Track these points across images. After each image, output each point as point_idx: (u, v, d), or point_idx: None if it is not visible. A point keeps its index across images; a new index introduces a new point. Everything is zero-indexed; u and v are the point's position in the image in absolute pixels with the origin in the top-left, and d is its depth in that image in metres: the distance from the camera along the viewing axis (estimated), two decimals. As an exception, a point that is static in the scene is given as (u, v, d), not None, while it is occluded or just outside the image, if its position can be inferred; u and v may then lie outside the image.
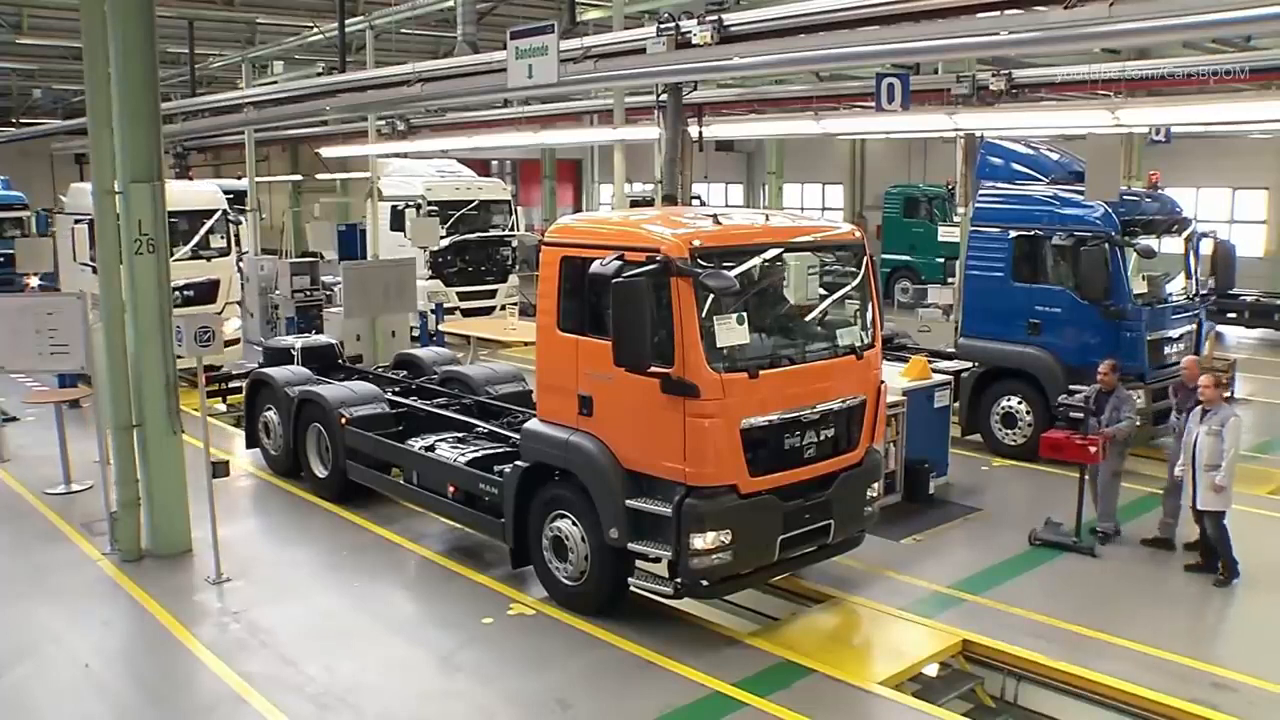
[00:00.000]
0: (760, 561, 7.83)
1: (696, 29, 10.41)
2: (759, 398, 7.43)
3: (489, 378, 11.70)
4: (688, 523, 7.28)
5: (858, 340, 8.20)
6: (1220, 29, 8.69)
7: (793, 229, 8.69)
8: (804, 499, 7.78)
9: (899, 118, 13.33)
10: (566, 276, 8.10)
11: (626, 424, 7.68)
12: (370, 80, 15.87)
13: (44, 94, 31.50)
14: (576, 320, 8.02)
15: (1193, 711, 6.82)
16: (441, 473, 9.65)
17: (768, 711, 6.79)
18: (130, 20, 9.02)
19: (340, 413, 10.70)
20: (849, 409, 8.04)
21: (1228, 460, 8.78)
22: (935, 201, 27.56)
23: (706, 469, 7.32)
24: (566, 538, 8.12)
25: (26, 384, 15.00)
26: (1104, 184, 11.69)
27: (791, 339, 8.13)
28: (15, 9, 21.97)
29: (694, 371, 7.20)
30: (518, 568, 8.71)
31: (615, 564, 7.90)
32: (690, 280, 7.19)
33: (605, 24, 18.62)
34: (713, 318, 7.30)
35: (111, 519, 9.51)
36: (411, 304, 16.96)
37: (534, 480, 8.42)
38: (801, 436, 7.71)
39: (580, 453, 7.89)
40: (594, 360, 7.73)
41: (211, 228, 17.22)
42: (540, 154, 37.61)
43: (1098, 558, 9.50)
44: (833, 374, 7.98)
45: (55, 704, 7.01)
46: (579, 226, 8.81)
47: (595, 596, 8.10)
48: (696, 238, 7.49)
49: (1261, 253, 25.99)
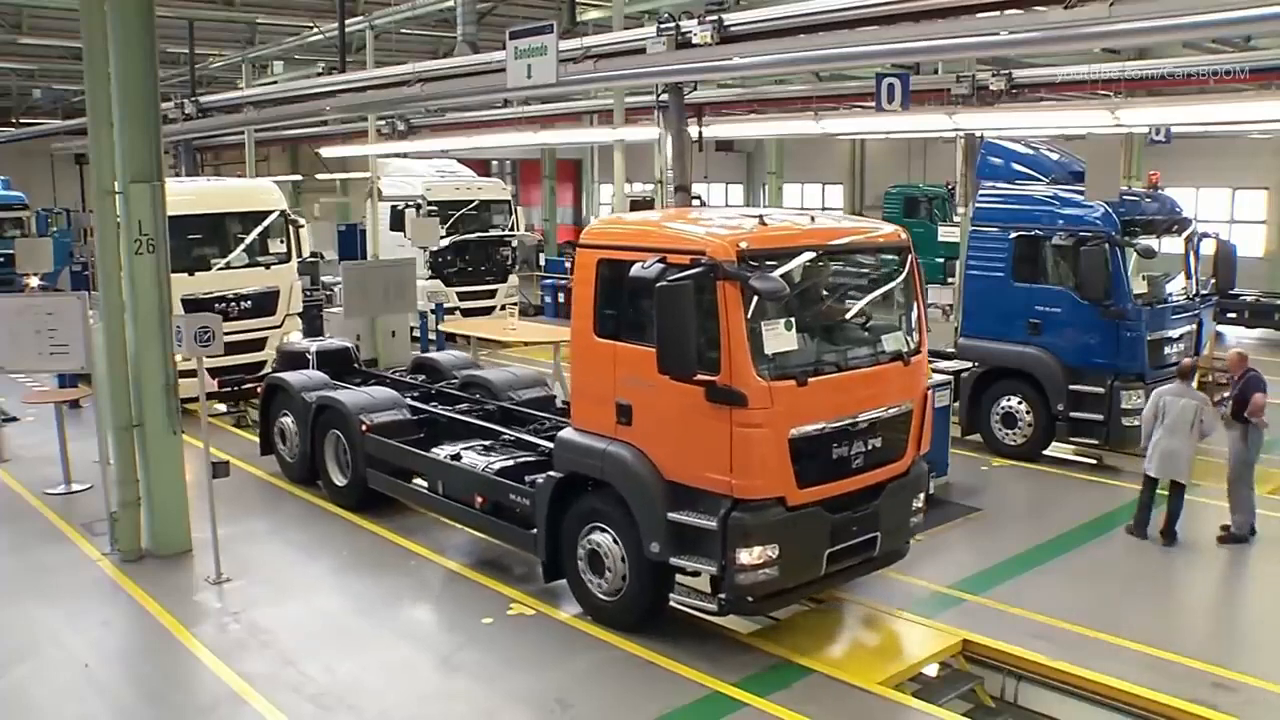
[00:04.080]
0: (807, 576, 7.53)
1: (697, 29, 10.42)
2: (807, 406, 7.13)
3: (511, 382, 11.35)
4: (734, 537, 6.97)
5: (904, 346, 7.91)
6: (1220, 29, 8.71)
7: (839, 230, 8.41)
8: (851, 511, 7.50)
9: (899, 118, 13.35)
10: (604, 280, 7.77)
11: (668, 434, 7.37)
12: (370, 80, 15.90)
13: (44, 94, 31.56)
14: (614, 326, 7.72)
15: (1193, 711, 6.82)
16: (469, 482, 9.27)
17: (768, 711, 6.79)
18: (130, 20, 9.02)
19: (361, 419, 10.36)
20: (896, 417, 7.75)
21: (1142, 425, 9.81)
22: (935, 201, 27.57)
23: (754, 481, 7.02)
24: (603, 551, 7.78)
25: (26, 384, 15.01)
26: (1104, 184, 11.70)
27: (839, 344, 7.81)
28: (15, 9, 21.99)
29: (741, 379, 6.89)
30: (550, 581, 8.37)
31: (654, 579, 7.60)
32: (738, 284, 6.89)
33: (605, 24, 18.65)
34: (759, 322, 7.00)
35: (111, 519, 9.51)
36: (411, 304, 16.91)
37: (568, 491, 8.10)
38: (849, 446, 7.42)
39: (619, 463, 7.57)
40: (633, 367, 7.44)
41: (269, 231, 15.73)
42: (540, 154, 37.64)
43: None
44: (880, 381, 7.68)
45: (55, 704, 7.00)
46: (617, 228, 8.55)
47: (633, 612, 7.79)
48: (743, 239, 7.17)
49: (1261, 253, 26.01)
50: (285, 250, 15.68)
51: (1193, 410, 9.50)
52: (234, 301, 14.72)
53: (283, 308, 15.44)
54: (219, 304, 14.30)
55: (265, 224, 15.55)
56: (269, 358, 14.67)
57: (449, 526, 10.04)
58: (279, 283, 15.41)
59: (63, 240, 29.20)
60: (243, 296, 14.89)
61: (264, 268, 15.37)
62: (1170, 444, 9.59)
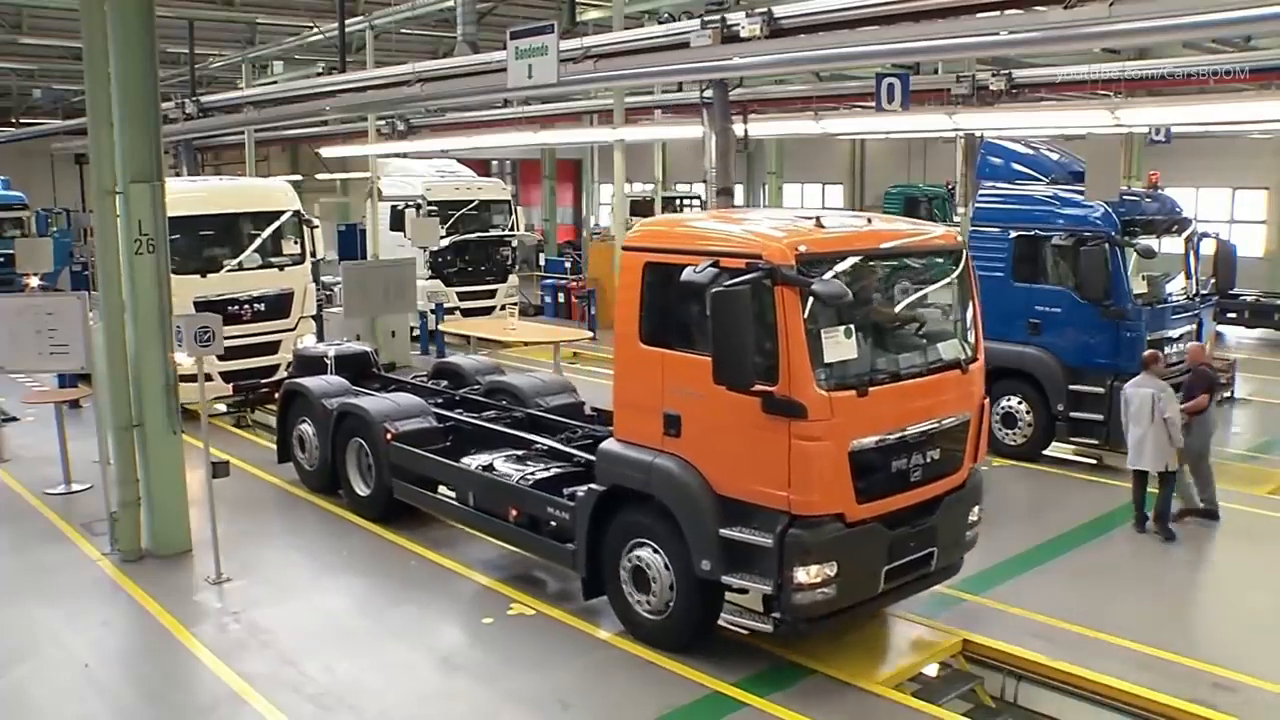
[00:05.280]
0: (864, 595, 7.23)
1: (745, 22, 9.98)
2: (868, 417, 6.83)
3: (538, 389, 10.97)
4: (792, 555, 6.67)
5: (962, 352, 7.64)
6: (1220, 29, 8.72)
7: (897, 232, 8.09)
8: (909, 526, 7.22)
9: (899, 118, 13.36)
10: (650, 285, 7.45)
11: (720, 446, 7.04)
12: (370, 80, 15.91)
13: (44, 94, 31.56)
14: (662, 332, 7.39)
15: (1193, 711, 6.81)
16: (503, 494, 8.88)
17: (768, 711, 6.79)
18: (130, 20, 9.02)
19: (385, 427, 10.01)
20: (955, 427, 7.46)
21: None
22: (935, 201, 27.58)
23: (813, 496, 6.71)
24: (649, 568, 7.43)
25: (26, 384, 15.01)
26: (1104, 184, 11.70)
27: (897, 352, 7.46)
28: (15, 9, 22.00)
29: (800, 390, 6.57)
30: (590, 599, 8.05)
31: (703, 597, 7.27)
32: (797, 289, 6.60)
33: (605, 24, 18.65)
34: (819, 330, 6.70)
35: (111, 519, 9.51)
36: (411, 304, 16.96)
37: (610, 505, 7.74)
38: (908, 459, 7.13)
39: (667, 477, 7.24)
40: (683, 376, 7.15)
41: (283, 231, 15.33)
42: (540, 154, 37.66)
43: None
44: (940, 390, 7.37)
45: (55, 704, 7.00)
46: (665, 229, 8.21)
47: (680, 631, 7.44)
48: (802, 241, 6.88)
49: (1261, 253, 26.01)
50: (299, 251, 15.35)
51: (1149, 398, 9.71)
52: (247, 304, 14.46)
53: (296, 310, 15.08)
54: (231, 306, 14.09)
55: (278, 224, 15.19)
56: (282, 361, 14.49)
57: (451, 528, 10.01)
58: (293, 284, 15.07)
59: (63, 240, 29.24)
60: (256, 299, 14.56)
61: (278, 269, 15.01)
62: (1137, 433, 9.83)
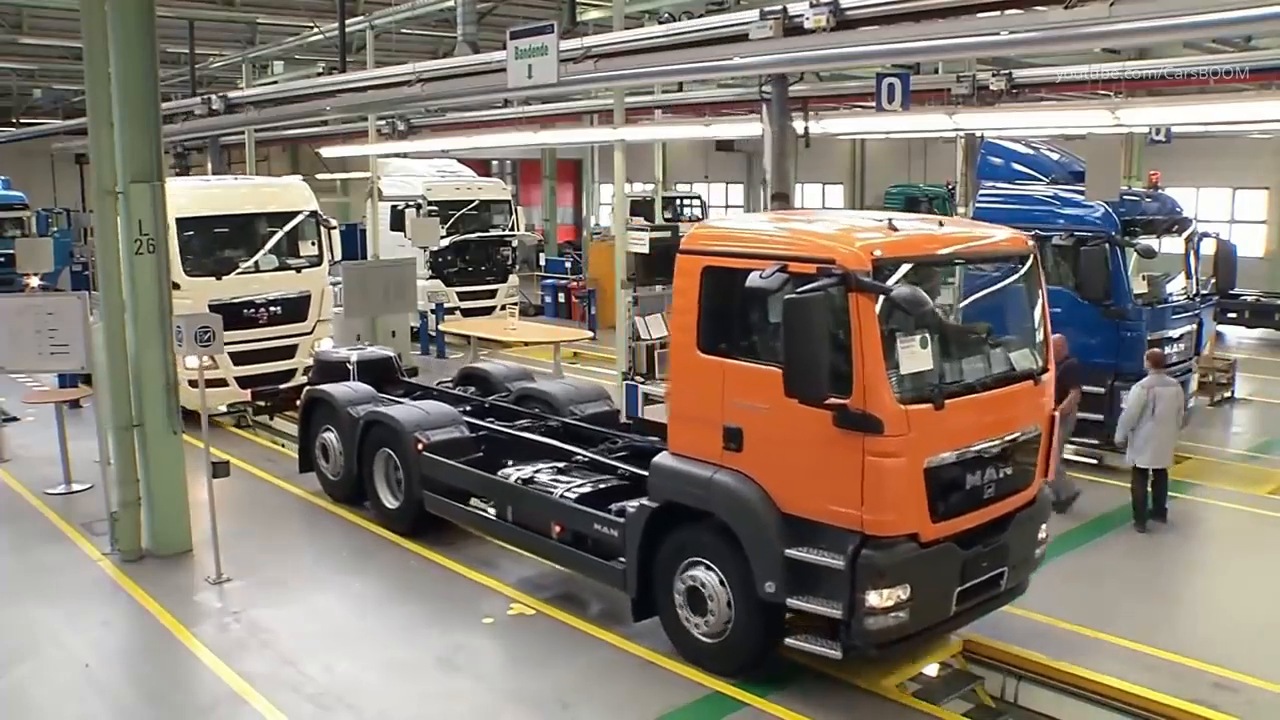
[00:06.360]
0: (936, 618, 6.89)
1: (810, 13, 9.46)
2: (944, 432, 6.51)
3: (572, 396, 10.62)
4: (865, 577, 6.32)
5: (1034, 362, 7.32)
6: (1220, 29, 8.69)
7: (969, 234, 7.64)
8: (981, 545, 6.90)
9: (899, 118, 13.31)
10: (711, 290, 7.10)
11: (786, 461, 6.71)
12: (370, 80, 15.87)
13: (44, 94, 31.55)
14: (724, 341, 7.06)
15: (1193, 711, 6.82)
16: (546, 509, 8.47)
17: (768, 711, 6.79)
18: (130, 20, 9.02)
19: (416, 437, 9.67)
20: (1027, 441, 7.15)
21: (1120, 419, 10.09)
22: (935, 201, 27.58)
23: (887, 516, 6.38)
24: (706, 589, 7.11)
25: (27, 384, 15.01)
26: (1104, 184, 11.69)
27: (971, 362, 7.09)
28: (15, 9, 21.99)
29: (876, 403, 6.24)
30: (640, 620, 7.70)
31: (765, 620, 6.93)
32: (873, 296, 6.27)
33: (605, 24, 18.63)
34: (895, 340, 6.41)
35: (112, 519, 9.51)
36: (412, 304, 16.95)
37: (662, 522, 7.40)
38: (982, 474, 6.80)
39: (728, 494, 6.90)
40: (745, 387, 6.82)
41: (300, 232, 15.04)
42: (540, 154, 37.63)
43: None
44: (1013, 402, 7.04)
45: (55, 704, 7.00)
46: (726, 231, 7.85)
47: (739, 656, 7.11)
48: (877, 246, 6.54)
49: (1261, 253, 26.00)
50: (317, 253, 15.07)
51: (1174, 396, 9.86)
52: (263, 307, 14.24)
53: (314, 313, 14.79)
54: (247, 309, 13.98)
55: (294, 224, 14.93)
56: (299, 365, 14.35)
57: (452, 529, 9.99)
58: (310, 287, 14.79)
59: (63, 240, 29.23)
60: (272, 301, 14.29)
61: (294, 271, 14.76)
62: (1161, 432, 9.89)
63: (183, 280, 13.30)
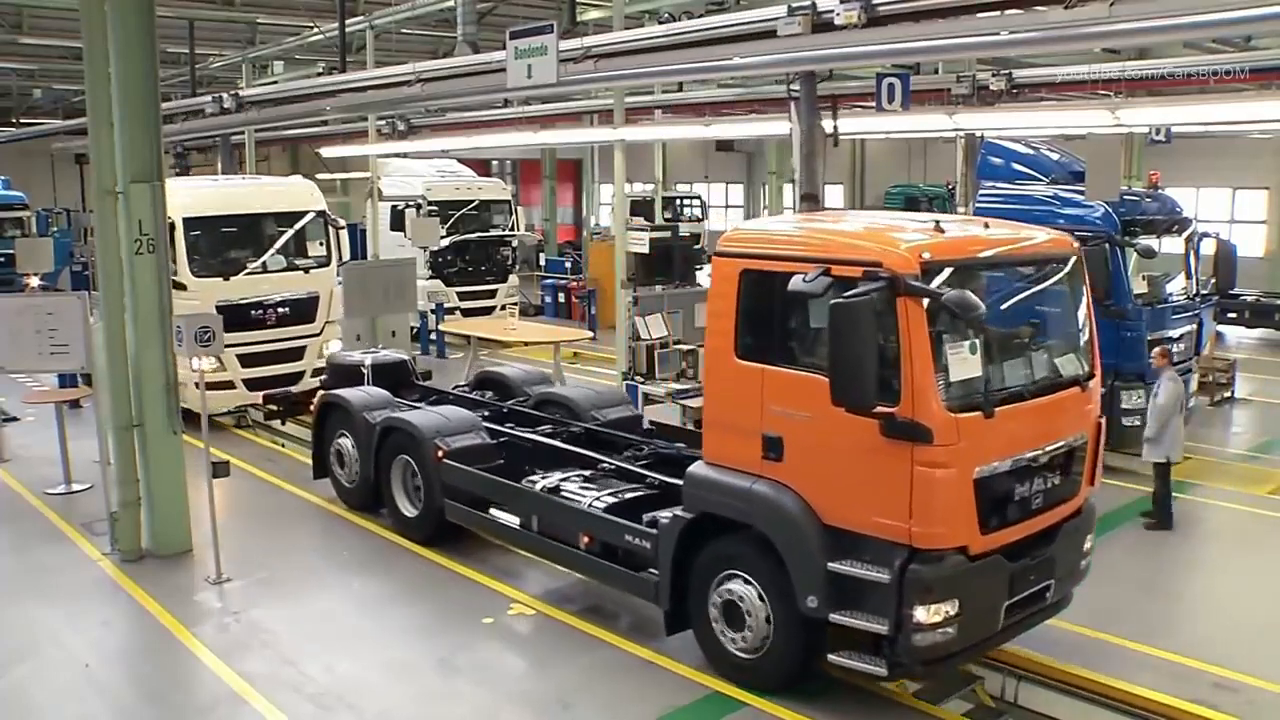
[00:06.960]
0: (983, 634, 6.67)
1: (840, 9, 9.26)
2: (994, 440, 6.32)
3: (593, 401, 10.39)
4: (912, 592, 6.12)
5: (1080, 368, 7.11)
6: (1220, 29, 8.69)
7: (1016, 236, 7.42)
8: (1029, 557, 6.70)
9: (899, 118, 13.31)
10: (749, 294, 6.88)
11: (829, 472, 6.49)
12: (370, 80, 15.87)
13: (44, 94, 31.54)
14: (763, 347, 6.83)
15: (1193, 711, 6.82)
16: (574, 519, 8.23)
17: (768, 711, 6.79)
18: (130, 20, 9.02)
19: (436, 443, 9.44)
20: (1074, 449, 6.97)
21: (1153, 413, 10.03)
22: (935, 201, 27.57)
23: (936, 528, 6.18)
24: (743, 603, 6.92)
25: (26, 384, 15.01)
26: (1104, 184, 11.70)
27: (1019, 369, 6.87)
28: (15, 9, 21.99)
29: (925, 412, 6.04)
30: (673, 634, 7.48)
31: (805, 635, 6.71)
32: (922, 301, 6.09)
33: (605, 24, 18.62)
34: (944, 346, 6.22)
35: (112, 519, 9.51)
36: (412, 304, 16.90)
37: (697, 533, 7.20)
38: (1031, 484, 6.63)
39: (768, 505, 6.69)
40: (786, 395, 6.62)
41: (308, 232, 14.88)
42: (540, 154, 37.64)
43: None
44: (1061, 410, 6.86)
45: (55, 704, 7.01)
46: (766, 233, 7.63)
47: (777, 672, 6.92)
48: (926, 249, 6.34)
49: (1262, 253, 26.00)
50: (325, 253, 14.92)
51: (1184, 391, 10.19)
52: (271, 308, 14.12)
53: (322, 314, 14.61)
54: (255, 310, 13.89)
55: (302, 224, 14.82)
56: (308, 367, 14.29)
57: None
58: (319, 288, 14.60)
59: (63, 240, 29.22)
60: (280, 302, 14.15)
61: (303, 272, 14.62)
62: (1177, 425, 10.14)
63: (189, 281, 13.29)
